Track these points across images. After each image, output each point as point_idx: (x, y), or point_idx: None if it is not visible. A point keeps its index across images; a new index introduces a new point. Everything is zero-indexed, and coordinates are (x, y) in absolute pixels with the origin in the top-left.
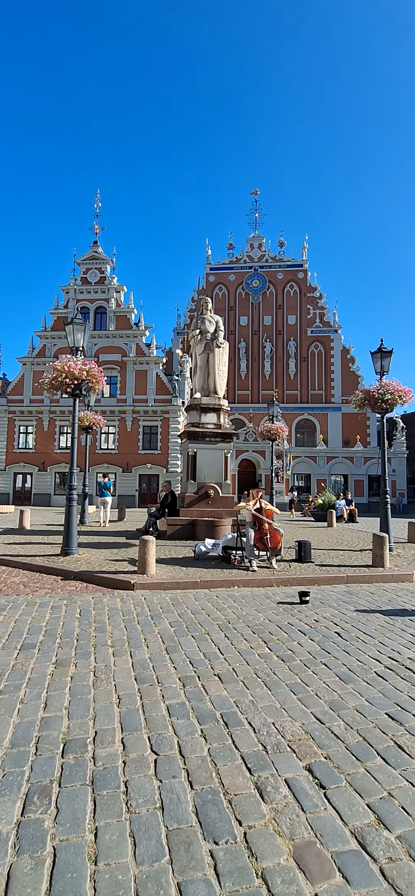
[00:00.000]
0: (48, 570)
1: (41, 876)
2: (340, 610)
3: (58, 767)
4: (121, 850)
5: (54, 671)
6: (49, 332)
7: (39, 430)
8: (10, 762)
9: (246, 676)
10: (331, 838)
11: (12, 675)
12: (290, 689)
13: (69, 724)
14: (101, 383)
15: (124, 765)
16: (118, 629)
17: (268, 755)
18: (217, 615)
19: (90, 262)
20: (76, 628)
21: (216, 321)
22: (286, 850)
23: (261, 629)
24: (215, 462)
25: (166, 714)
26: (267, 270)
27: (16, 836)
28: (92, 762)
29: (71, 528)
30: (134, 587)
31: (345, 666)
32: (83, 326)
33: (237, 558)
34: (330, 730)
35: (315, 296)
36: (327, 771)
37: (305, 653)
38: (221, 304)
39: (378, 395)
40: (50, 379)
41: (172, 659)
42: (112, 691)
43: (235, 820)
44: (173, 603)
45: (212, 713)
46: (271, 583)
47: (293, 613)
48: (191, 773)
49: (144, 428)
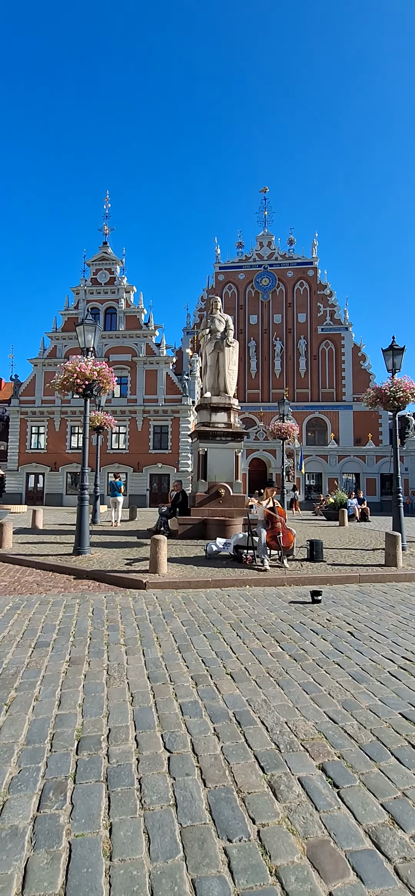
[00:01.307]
0: (61, 570)
1: (57, 870)
2: (352, 609)
3: (72, 764)
4: (135, 846)
5: (68, 669)
6: (60, 333)
7: (51, 430)
8: (26, 758)
9: (258, 675)
10: (345, 837)
11: (27, 673)
12: (302, 688)
13: (83, 721)
14: (112, 383)
15: (138, 762)
16: (131, 628)
17: (281, 754)
18: (229, 614)
19: (100, 263)
20: (89, 627)
21: (226, 320)
22: (300, 848)
23: (273, 628)
24: (226, 461)
25: (179, 712)
26: (277, 268)
27: (32, 831)
28: (106, 759)
29: (83, 527)
30: (146, 586)
31: (358, 665)
32: (94, 327)
33: (249, 557)
34: (343, 729)
35: (325, 293)
36: (340, 770)
37: (317, 652)
38: (231, 303)
39: (390, 392)
40: (61, 380)
41: (184, 658)
42: (125, 689)
43: (248, 818)
44: (185, 602)
45: (224, 712)
46: (283, 582)
47: (305, 613)
48: (204, 771)
49: (155, 428)
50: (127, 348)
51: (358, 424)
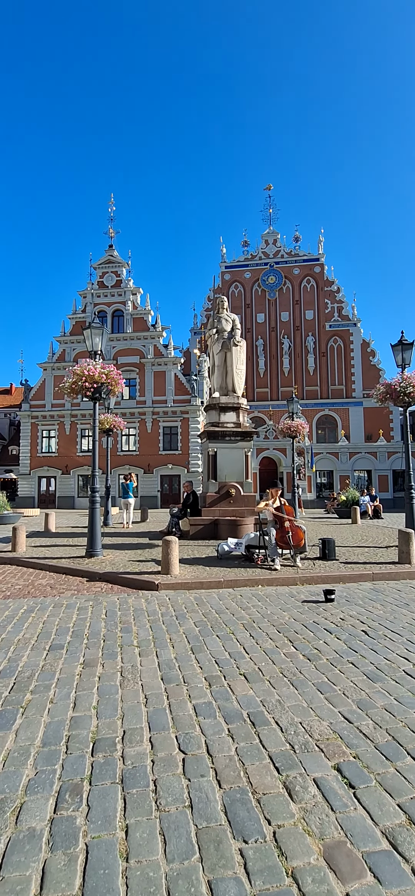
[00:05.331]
0: (74, 572)
1: (74, 872)
2: (366, 608)
3: (88, 766)
4: (151, 847)
5: (82, 671)
6: (68, 337)
7: (61, 433)
8: (42, 760)
9: (272, 676)
10: (361, 838)
11: (42, 676)
12: (317, 688)
13: (98, 723)
14: (120, 386)
15: (153, 764)
16: (144, 629)
17: (296, 754)
18: (242, 614)
19: (106, 266)
20: (102, 629)
21: (233, 319)
22: (316, 849)
23: (286, 628)
24: (236, 461)
25: (193, 713)
26: (283, 266)
27: (49, 833)
28: (121, 761)
29: (95, 530)
30: (158, 587)
31: (373, 664)
32: (101, 330)
33: (260, 557)
34: (359, 729)
35: (333, 289)
36: (356, 770)
37: (331, 651)
38: (238, 302)
39: (400, 388)
40: (70, 383)
41: (197, 658)
42: (139, 691)
43: (264, 819)
44: (198, 603)
45: (238, 712)
46: (296, 581)
47: (319, 612)
48: (219, 773)
49: (164, 429)
50: (135, 350)
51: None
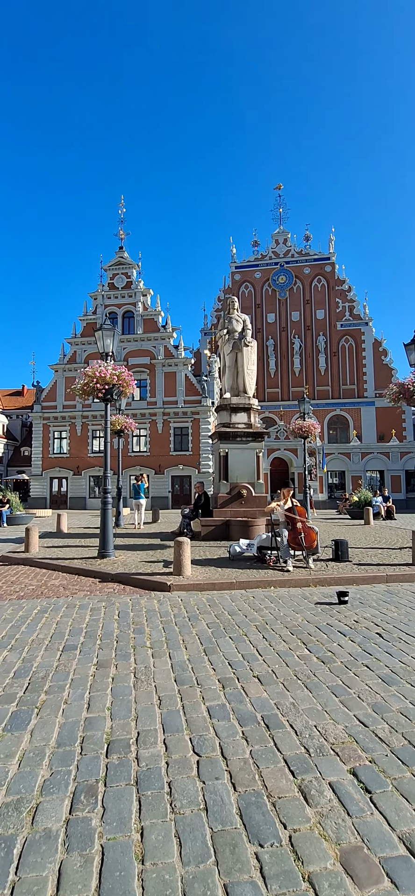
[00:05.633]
0: (86, 573)
1: (90, 873)
2: (380, 610)
3: (103, 767)
4: (167, 850)
5: (96, 672)
6: (79, 339)
7: (73, 435)
8: (57, 761)
9: (286, 678)
10: (378, 843)
11: (56, 676)
12: (331, 691)
13: (112, 724)
14: (132, 387)
15: (167, 766)
16: (156, 630)
17: (311, 758)
18: (254, 616)
19: (116, 268)
20: (115, 630)
21: (243, 320)
22: (333, 854)
23: (299, 630)
24: (247, 462)
25: (207, 716)
26: (293, 266)
27: (65, 834)
28: (135, 762)
29: (107, 531)
30: (170, 588)
31: (387, 667)
32: (112, 332)
33: (273, 558)
34: (374, 733)
35: (344, 289)
36: (372, 775)
37: (345, 654)
38: (248, 303)
39: (413, 387)
40: (82, 385)
41: (210, 660)
42: (152, 692)
43: (279, 823)
44: (210, 604)
45: (252, 715)
46: (308, 583)
47: (332, 614)
48: (234, 775)
49: (175, 429)
50: (145, 351)
51: (381, 421)
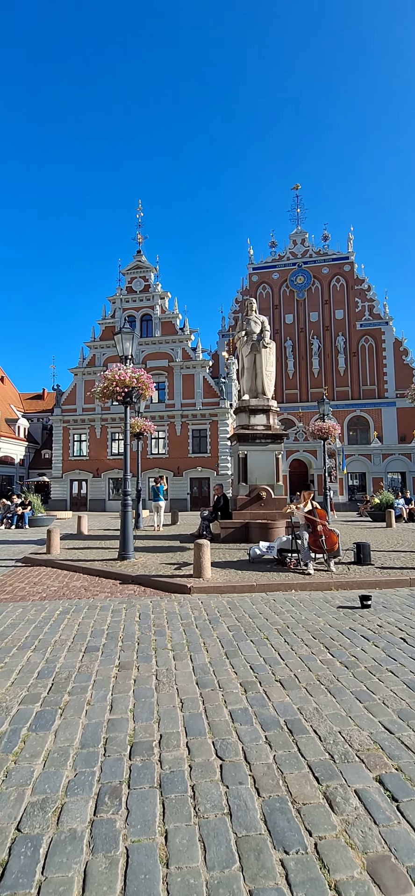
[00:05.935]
0: (107, 575)
1: (116, 875)
2: (404, 614)
3: (126, 769)
4: (191, 854)
5: (118, 674)
6: (98, 342)
7: (92, 437)
8: (81, 762)
9: (309, 683)
10: (406, 853)
11: (79, 677)
12: (355, 696)
13: (135, 726)
14: (151, 390)
15: (190, 769)
16: (177, 633)
17: (336, 764)
18: (275, 619)
19: (134, 272)
20: (136, 632)
21: (262, 321)
22: (359, 863)
23: (322, 634)
24: (266, 464)
25: (229, 719)
26: (311, 266)
27: (90, 835)
28: (159, 765)
29: (127, 533)
30: (191, 591)
31: (412, 673)
32: (131, 335)
33: (293, 561)
34: (400, 740)
35: (363, 288)
36: (398, 783)
37: (369, 659)
38: (266, 304)
39: None
40: (101, 388)
41: (232, 664)
42: (174, 695)
43: (304, 830)
44: (230, 607)
45: (275, 720)
46: (330, 586)
47: (355, 618)
48: (257, 780)
49: (193, 431)
50: (163, 354)
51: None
